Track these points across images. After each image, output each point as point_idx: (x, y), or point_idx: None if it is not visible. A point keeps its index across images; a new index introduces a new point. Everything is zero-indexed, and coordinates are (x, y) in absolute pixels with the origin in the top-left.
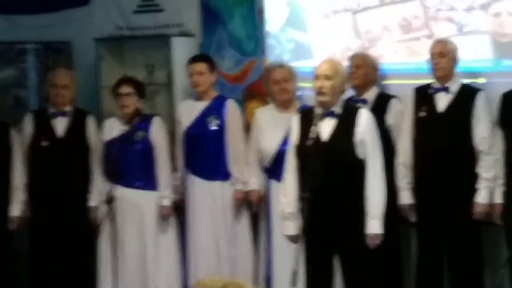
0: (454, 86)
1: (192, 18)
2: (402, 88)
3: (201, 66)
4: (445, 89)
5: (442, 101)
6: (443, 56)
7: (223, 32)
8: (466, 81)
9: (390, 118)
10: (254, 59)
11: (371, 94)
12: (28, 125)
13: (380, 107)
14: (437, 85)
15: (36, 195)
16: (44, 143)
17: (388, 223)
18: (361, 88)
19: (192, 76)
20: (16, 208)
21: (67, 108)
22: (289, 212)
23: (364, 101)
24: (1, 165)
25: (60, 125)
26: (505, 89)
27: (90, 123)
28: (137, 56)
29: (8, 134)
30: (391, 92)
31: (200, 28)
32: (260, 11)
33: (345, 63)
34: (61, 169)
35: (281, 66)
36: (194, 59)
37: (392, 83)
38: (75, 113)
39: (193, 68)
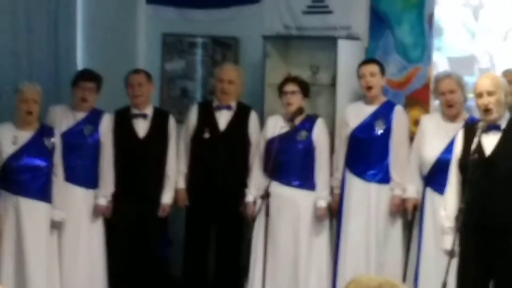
0: None
1: (360, 21)
2: None
3: (374, 68)
4: None
5: None
6: None
7: (390, 37)
8: None
9: None
10: (419, 66)
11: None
12: (192, 116)
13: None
14: None
15: (195, 186)
16: (207, 135)
17: None
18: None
19: (364, 77)
20: (168, 196)
21: (232, 103)
22: (448, 226)
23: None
24: (159, 152)
25: (223, 119)
26: None
27: (253, 118)
28: (302, 56)
29: (167, 122)
30: None
31: (367, 32)
32: (430, 18)
33: None
34: (221, 162)
35: (448, 76)
36: (366, 61)
37: None
38: (239, 108)
39: (366, 69)
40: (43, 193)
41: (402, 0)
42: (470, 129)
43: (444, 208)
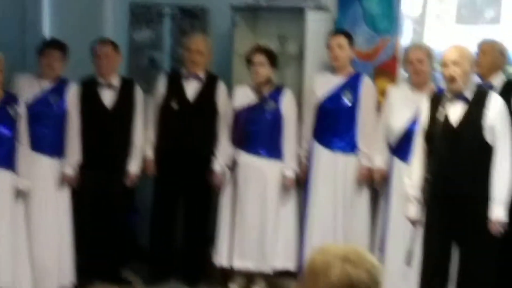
0: None
1: None
2: None
3: (342, 40)
4: None
5: None
6: None
7: (358, 8)
8: None
9: None
10: (388, 38)
11: (497, 80)
12: (161, 86)
13: (507, 93)
14: None
15: (163, 155)
16: (175, 105)
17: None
18: (486, 74)
19: (332, 49)
20: (135, 165)
21: (200, 73)
22: (413, 195)
23: (490, 87)
24: (126, 122)
25: (192, 89)
26: None
27: (221, 88)
28: (271, 26)
29: (134, 92)
30: None
31: (335, 3)
32: None
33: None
34: (189, 132)
35: (418, 47)
36: (335, 33)
37: None
38: (207, 78)
39: (334, 41)
40: (8, 162)
41: None
42: (435, 99)
43: (409, 177)
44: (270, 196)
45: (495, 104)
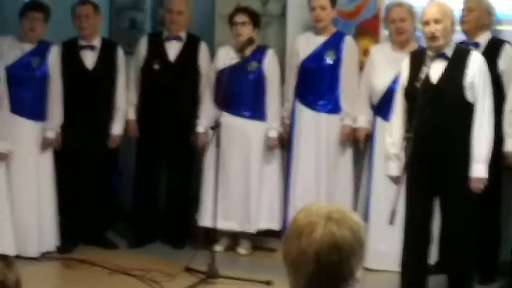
0: None
1: None
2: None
3: (324, 1)
4: None
5: None
6: None
7: None
8: None
9: (502, 64)
10: None
11: (483, 38)
12: (142, 47)
13: (492, 51)
14: None
15: (145, 117)
16: (156, 66)
17: (491, 169)
18: (472, 32)
19: (314, 10)
20: (118, 127)
21: (181, 33)
22: (393, 153)
23: (476, 45)
24: (108, 84)
25: (173, 50)
26: None
27: (203, 49)
28: None
29: (116, 53)
30: (505, 38)
31: None
32: None
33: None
34: (170, 93)
35: (400, 5)
36: None
37: (506, 29)
38: (188, 39)
39: (316, 2)
40: None
41: None
42: (416, 56)
43: (390, 135)
44: (254, 157)
45: (475, 62)
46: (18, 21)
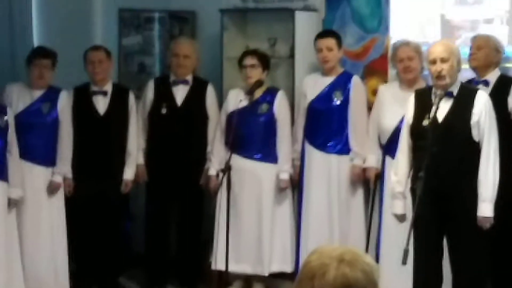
0: None
1: None
2: None
3: (331, 42)
4: None
5: None
6: None
7: (346, 8)
8: None
9: None
10: (377, 36)
11: (492, 76)
12: (149, 91)
13: (502, 89)
14: None
15: (154, 161)
16: (164, 111)
17: (504, 209)
18: (481, 69)
19: (321, 51)
20: (130, 172)
21: (188, 77)
22: (399, 191)
23: (486, 83)
24: (119, 129)
25: (180, 94)
26: None
27: (210, 92)
28: (260, 28)
29: (127, 99)
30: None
31: (323, 3)
32: None
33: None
34: (179, 137)
35: (407, 44)
36: (323, 34)
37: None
38: (195, 82)
39: (322, 43)
40: None
41: None
42: (421, 95)
43: (395, 173)
44: (266, 199)
45: (481, 101)
46: (27, 67)
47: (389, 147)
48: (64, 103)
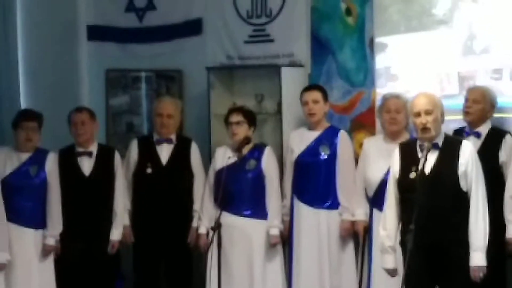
0: None
1: (302, 48)
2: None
3: (317, 95)
4: None
5: None
6: None
7: (332, 63)
8: None
9: (503, 155)
10: (363, 90)
11: (484, 128)
12: (133, 151)
13: (493, 142)
14: None
15: (140, 221)
16: (149, 170)
17: (495, 257)
18: (475, 123)
19: (307, 104)
20: (117, 233)
21: (171, 136)
22: (389, 245)
23: (477, 134)
24: (105, 190)
25: (165, 153)
26: None
27: (194, 149)
28: (247, 85)
29: (113, 159)
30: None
31: (309, 58)
32: (371, 42)
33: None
34: (165, 196)
35: (397, 97)
36: (309, 88)
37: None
38: (179, 141)
39: (308, 96)
40: None
41: (343, 25)
42: (406, 147)
43: (384, 228)
44: (256, 256)
45: (466, 151)
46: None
47: (376, 200)
48: (52, 165)
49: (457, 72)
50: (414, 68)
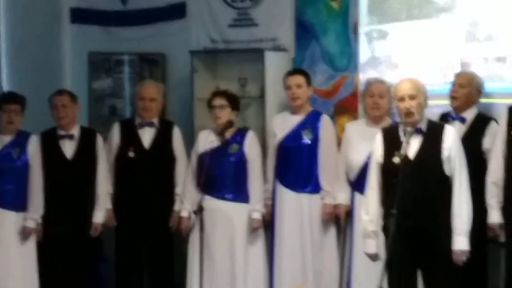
0: None
1: (285, 32)
2: (497, 107)
3: (300, 79)
4: None
5: None
6: None
7: (316, 47)
8: None
9: (487, 142)
10: (346, 75)
11: (470, 114)
12: (115, 135)
13: (478, 128)
14: None
15: (122, 205)
16: (132, 154)
17: (476, 241)
18: (461, 108)
19: (290, 88)
20: (100, 216)
21: (154, 120)
22: (371, 230)
23: (462, 120)
24: (88, 172)
25: (147, 137)
26: None
27: (176, 133)
28: (230, 69)
29: (95, 142)
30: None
31: (293, 43)
32: (354, 27)
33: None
34: (147, 180)
35: (381, 82)
36: (292, 72)
37: (488, 102)
38: (161, 124)
39: (291, 81)
40: None
41: (327, 10)
42: (388, 132)
43: (366, 212)
44: (238, 240)
45: (450, 136)
46: None
47: (357, 184)
48: (34, 148)
49: (460, 59)
50: (415, 56)
